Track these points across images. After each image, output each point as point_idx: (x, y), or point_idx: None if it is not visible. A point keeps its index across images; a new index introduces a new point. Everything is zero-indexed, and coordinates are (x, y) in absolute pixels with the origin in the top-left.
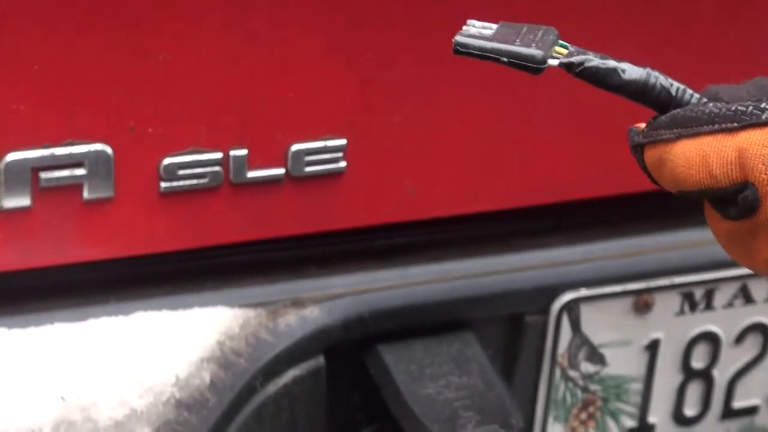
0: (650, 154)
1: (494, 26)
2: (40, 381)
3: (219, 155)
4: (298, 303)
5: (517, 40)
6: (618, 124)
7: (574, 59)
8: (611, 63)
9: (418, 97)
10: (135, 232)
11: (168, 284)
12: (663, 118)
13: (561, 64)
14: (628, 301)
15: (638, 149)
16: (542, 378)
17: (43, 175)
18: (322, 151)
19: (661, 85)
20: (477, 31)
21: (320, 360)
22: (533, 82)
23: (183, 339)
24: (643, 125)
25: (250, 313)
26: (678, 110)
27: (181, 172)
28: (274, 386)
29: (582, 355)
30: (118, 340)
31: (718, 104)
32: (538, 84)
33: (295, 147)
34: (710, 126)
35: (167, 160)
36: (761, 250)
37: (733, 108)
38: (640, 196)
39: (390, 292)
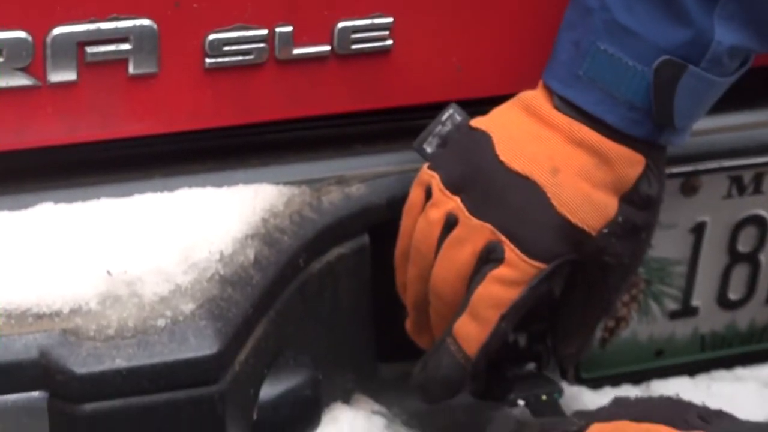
0: None
1: None
2: (86, 256)
3: (264, 32)
4: (342, 181)
5: None
6: None
7: None
8: None
9: None
10: (180, 107)
11: (212, 161)
12: None
13: None
14: (675, 184)
15: None
16: None
17: (89, 49)
18: (369, 28)
19: None
20: None
21: (365, 238)
22: None
23: (227, 216)
24: None
25: (294, 190)
26: None
27: (227, 48)
28: (318, 264)
29: None
30: (162, 216)
31: None
32: None
33: (341, 24)
34: None
35: (212, 36)
36: None
37: None
38: None
39: None
